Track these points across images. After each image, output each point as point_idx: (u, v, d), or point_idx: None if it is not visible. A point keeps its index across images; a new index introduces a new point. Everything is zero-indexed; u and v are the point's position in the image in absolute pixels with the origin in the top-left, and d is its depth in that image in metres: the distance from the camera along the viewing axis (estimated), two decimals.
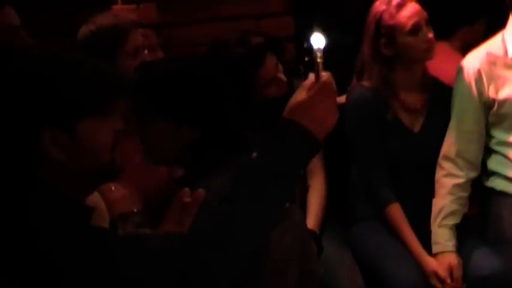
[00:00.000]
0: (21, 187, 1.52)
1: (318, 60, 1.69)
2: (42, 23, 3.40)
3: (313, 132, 1.64)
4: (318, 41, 1.70)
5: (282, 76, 2.95)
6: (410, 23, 3.00)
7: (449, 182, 3.02)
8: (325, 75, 1.69)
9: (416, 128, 3.10)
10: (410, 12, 3.02)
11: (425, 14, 3.04)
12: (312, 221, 2.96)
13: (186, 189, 1.89)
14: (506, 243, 2.93)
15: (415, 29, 3.01)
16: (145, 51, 3.00)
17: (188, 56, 2.41)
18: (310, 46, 1.70)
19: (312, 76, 1.69)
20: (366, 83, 3.07)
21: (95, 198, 2.17)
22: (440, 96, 3.11)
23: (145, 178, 2.55)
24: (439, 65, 3.23)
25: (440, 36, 3.36)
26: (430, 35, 3.03)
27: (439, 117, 3.09)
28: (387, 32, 3.03)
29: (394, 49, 3.03)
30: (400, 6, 3.02)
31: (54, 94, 1.52)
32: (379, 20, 3.04)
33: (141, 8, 3.67)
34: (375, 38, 3.04)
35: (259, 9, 3.84)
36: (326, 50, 1.70)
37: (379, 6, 3.06)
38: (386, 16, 3.03)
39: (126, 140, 1.71)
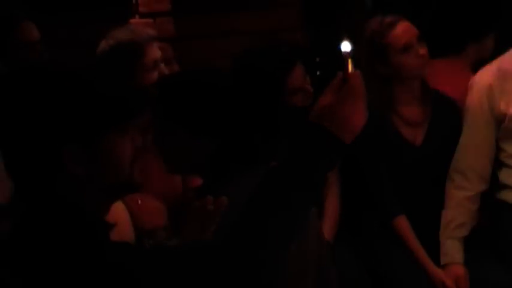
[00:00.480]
0: (42, 204, 1.53)
1: (347, 58, 1.64)
2: (61, 37, 3.45)
3: (339, 135, 1.59)
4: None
5: (309, 87, 2.93)
6: (401, 41, 3.04)
7: (459, 194, 3.05)
8: (353, 75, 1.64)
9: (419, 141, 3.12)
10: (401, 30, 3.05)
11: (415, 31, 3.07)
12: (327, 231, 2.99)
13: (209, 197, 1.91)
14: None
15: (407, 47, 3.04)
16: (162, 65, 3.06)
17: (207, 68, 2.43)
18: (339, 47, 1.64)
19: (339, 75, 1.64)
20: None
21: (119, 210, 2.18)
22: (441, 109, 3.15)
23: (163, 187, 2.58)
24: (448, 80, 3.26)
25: (449, 52, 3.41)
26: (422, 51, 3.06)
27: (441, 129, 3.12)
28: (380, 51, 3.06)
29: (389, 67, 3.07)
30: (391, 26, 3.06)
31: (76, 110, 1.52)
32: (372, 40, 3.07)
33: (158, 22, 3.72)
34: (369, 57, 3.06)
35: (274, 24, 3.91)
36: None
37: (371, 26, 3.10)
38: (378, 36, 3.06)
39: (144, 151, 1.72)
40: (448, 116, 3.14)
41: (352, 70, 1.65)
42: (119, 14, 3.68)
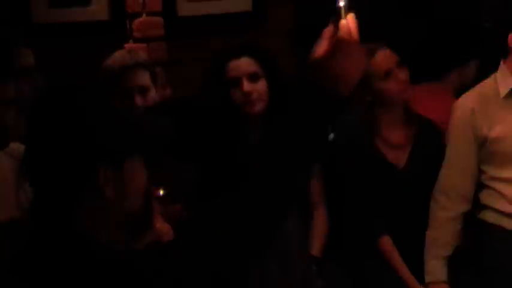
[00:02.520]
0: (60, 233, 1.53)
1: (340, 4, 1.59)
2: (55, 62, 3.48)
3: (332, 89, 1.59)
4: None
5: (247, 85, 2.89)
6: (382, 68, 3.11)
7: (442, 215, 3.11)
8: (343, 26, 1.57)
9: (401, 164, 3.19)
10: (381, 58, 3.13)
11: (395, 57, 3.14)
12: (316, 247, 3.06)
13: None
14: (497, 274, 3.01)
15: (388, 74, 3.11)
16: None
17: (185, 97, 2.47)
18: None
19: (331, 25, 1.58)
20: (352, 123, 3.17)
21: None
22: (424, 132, 3.21)
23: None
24: (432, 105, 3.35)
25: (433, 77, 3.51)
26: (403, 76, 3.13)
27: (423, 151, 3.18)
28: (363, 78, 3.14)
29: (371, 94, 3.13)
30: (371, 53, 3.11)
31: (111, 133, 1.55)
32: None
33: (151, 46, 3.77)
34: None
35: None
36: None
37: None
38: None
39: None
40: (430, 138, 3.20)
41: (344, 16, 1.58)
42: (113, 39, 3.75)
